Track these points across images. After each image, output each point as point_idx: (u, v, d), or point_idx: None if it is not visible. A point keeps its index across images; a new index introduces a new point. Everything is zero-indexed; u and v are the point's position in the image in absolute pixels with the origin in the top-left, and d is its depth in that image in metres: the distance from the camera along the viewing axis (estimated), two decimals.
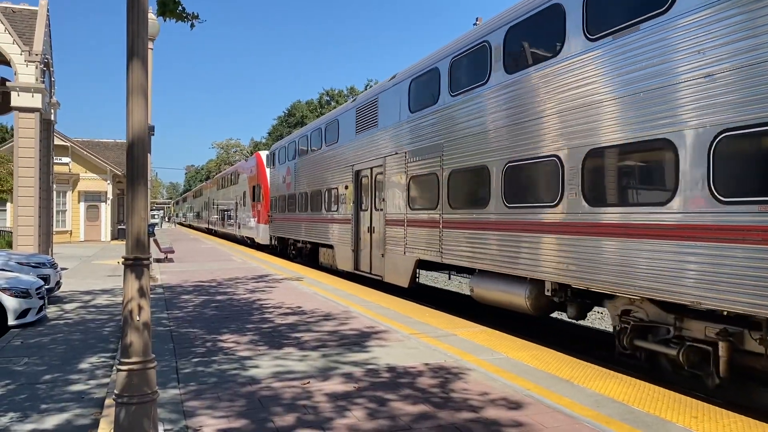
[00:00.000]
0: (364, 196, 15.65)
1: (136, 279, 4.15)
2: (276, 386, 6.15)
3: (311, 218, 20.29)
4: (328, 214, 18.34)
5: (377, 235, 14.49)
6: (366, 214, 15.40)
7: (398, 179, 13.21)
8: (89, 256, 25.37)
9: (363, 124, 15.58)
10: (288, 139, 25.11)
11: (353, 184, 16.04)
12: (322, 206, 18.95)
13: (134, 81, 4.08)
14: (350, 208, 16.23)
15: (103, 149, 43.59)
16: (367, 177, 15.21)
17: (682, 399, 5.77)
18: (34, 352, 8.00)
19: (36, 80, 16.97)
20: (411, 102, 12.82)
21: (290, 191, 23.31)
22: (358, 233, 15.90)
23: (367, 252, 15.26)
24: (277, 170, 26.12)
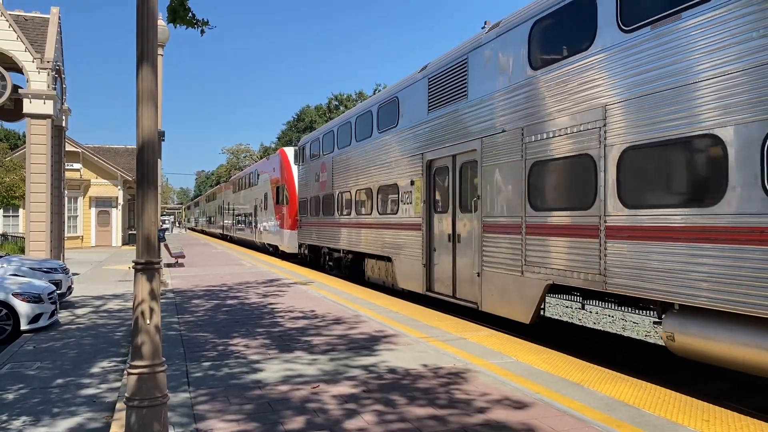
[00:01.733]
0: (440, 193, 12.01)
1: (147, 282, 4.18)
2: (286, 390, 6.16)
3: (356, 223, 16.82)
4: (381, 217, 14.84)
5: (466, 245, 10.81)
6: (445, 217, 11.67)
7: (507, 167, 9.49)
8: (100, 262, 25.54)
9: (440, 97, 11.84)
10: (323, 129, 21.23)
11: (423, 178, 12.40)
12: (372, 208, 15.46)
13: (144, 87, 4.12)
14: (418, 209, 12.62)
15: (114, 155, 43.94)
16: (448, 168, 11.53)
17: (694, 402, 5.73)
18: (46, 357, 8.07)
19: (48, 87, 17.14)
20: (534, 55, 9.11)
21: (326, 191, 19.65)
22: (431, 242, 12.23)
23: (447, 268, 11.53)
24: (307, 167, 22.52)
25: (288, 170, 26.21)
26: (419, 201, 12.62)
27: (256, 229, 34.16)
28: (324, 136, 20.48)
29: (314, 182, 21.33)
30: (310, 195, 22.03)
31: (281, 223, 27.00)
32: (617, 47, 7.49)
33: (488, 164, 10.11)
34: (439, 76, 12.02)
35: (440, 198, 12.05)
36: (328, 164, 19.46)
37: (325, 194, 19.84)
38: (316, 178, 21.13)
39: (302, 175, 23.52)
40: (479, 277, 10.23)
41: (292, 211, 25.28)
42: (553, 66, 8.69)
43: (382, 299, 12.94)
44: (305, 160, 22.90)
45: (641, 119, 7.07)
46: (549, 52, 8.94)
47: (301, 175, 23.77)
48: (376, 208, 15.24)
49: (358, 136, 16.79)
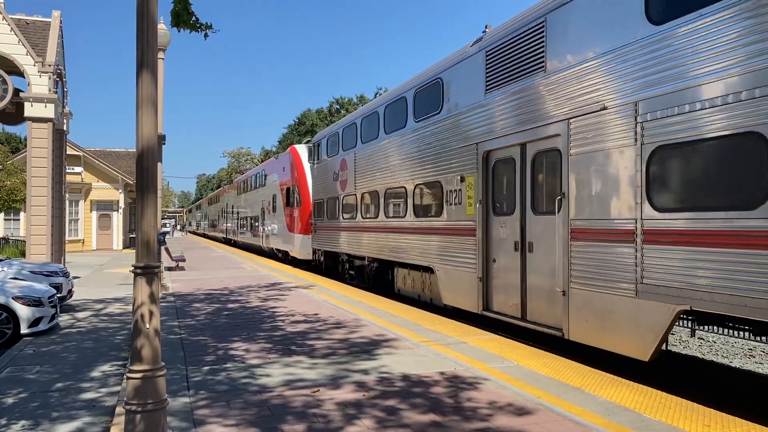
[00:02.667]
0: (502, 191, 9.94)
1: (147, 287, 4.18)
2: (286, 394, 6.15)
3: (384, 227, 14.71)
4: (419, 221, 12.68)
5: (543, 255, 8.77)
6: (510, 220, 9.56)
7: (611, 156, 7.37)
8: (101, 265, 25.55)
9: (504, 73, 9.70)
10: (343, 122, 18.88)
11: (479, 173, 10.27)
12: (406, 210, 13.40)
13: (144, 92, 4.13)
14: (471, 210, 10.49)
15: (115, 158, 43.99)
16: (514, 160, 9.47)
17: (694, 407, 5.71)
18: (46, 361, 8.06)
19: (49, 91, 17.17)
20: (654, 6, 6.99)
21: (347, 191, 17.57)
22: (489, 251, 10.11)
23: (513, 283, 9.46)
24: (323, 165, 20.34)
25: (300, 169, 24.24)
26: (472, 201, 10.44)
27: (263, 233, 32.17)
28: (344, 130, 18.26)
29: (332, 182, 19.10)
30: (326, 196, 19.84)
31: (292, 226, 24.95)
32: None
33: (579, 153, 7.91)
34: (501, 48, 9.80)
35: (502, 197, 9.96)
36: (350, 161, 17.33)
37: (346, 195, 17.75)
38: (334, 177, 18.91)
39: (317, 175, 21.26)
40: (565, 296, 8.01)
41: (305, 213, 23.26)
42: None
43: (384, 303, 12.92)
44: (321, 157, 20.69)
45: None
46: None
47: (315, 174, 21.57)
48: (411, 210, 13.13)
49: (387, 128, 14.66)
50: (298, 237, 24.07)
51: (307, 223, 22.71)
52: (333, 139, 19.48)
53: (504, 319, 9.64)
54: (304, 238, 23.17)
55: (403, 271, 14.07)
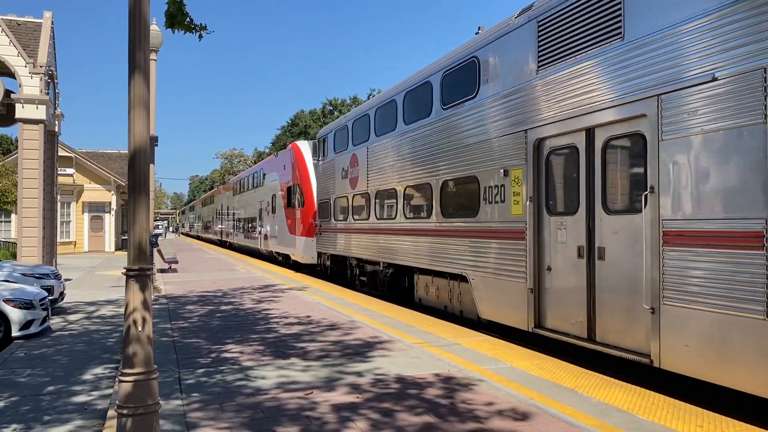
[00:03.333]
0: (561, 185, 8.51)
1: (139, 289, 4.16)
2: (280, 397, 6.13)
3: (402, 229, 13.17)
4: (449, 221, 11.14)
5: (620, 263, 7.23)
6: (572, 220, 8.05)
7: (722, 139, 5.98)
8: (93, 267, 25.43)
9: (563, 45, 8.18)
10: (354, 114, 17.19)
11: (529, 165, 8.75)
12: (431, 209, 11.83)
13: (136, 93, 4.11)
14: (518, 209, 9.01)
15: (107, 160, 43.83)
16: (576, 148, 7.97)
17: (688, 408, 5.73)
18: (37, 364, 8.01)
19: (40, 92, 17.08)
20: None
21: (357, 189, 16.07)
22: (542, 257, 8.61)
23: (576, 297, 7.90)
24: (330, 162, 18.67)
25: (303, 167, 22.71)
26: (519, 199, 8.98)
27: (261, 235, 30.60)
28: (355, 123, 16.65)
29: (341, 179, 17.51)
30: (334, 195, 18.22)
31: (294, 228, 23.38)
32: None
33: (675, 136, 6.46)
34: (559, 16, 8.27)
35: (560, 193, 8.51)
36: (362, 156, 15.79)
37: (357, 193, 16.23)
38: (343, 175, 17.33)
39: (323, 172, 19.58)
40: (654, 314, 6.53)
41: (308, 214, 21.80)
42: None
43: (377, 305, 12.92)
44: (327, 153, 19.04)
45: None
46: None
47: (321, 172, 19.89)
48: (437, 210, 11.57)
49: (407, 118, 13.13)
50: (300, 239, 22.51)
51: (311, 225, 21.32)
52: (341, 133, 17.83)
53: (562, 338, 8.03)
54: (308, 240, 21.64)
55: (425, 279, 12.52)
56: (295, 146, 24.17)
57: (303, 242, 22.11)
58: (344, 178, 17.20)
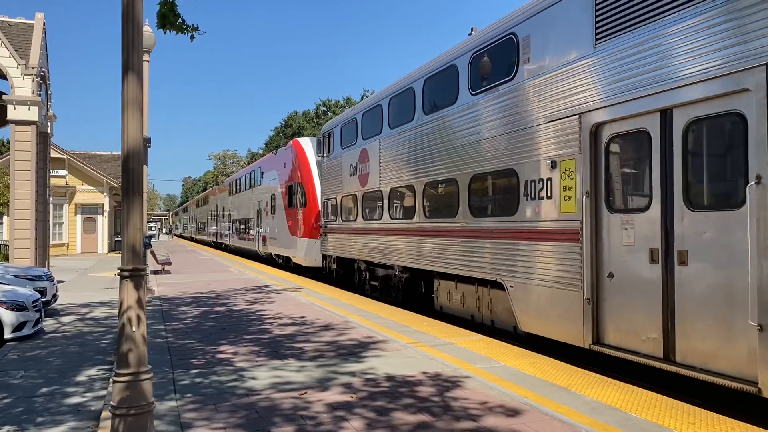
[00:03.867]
0: (626, 177, 7.42)
1: (133, 290, 4.16)
2: (274, 397, 6.14)
3: (423, 229, 11.94)
4: (479, 221, 10.01)
5: (710, 270, 6.09)
6: (642, 219, 6.83)
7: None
8: (86, 269, 25.33)
9: (626, 15, 7.10)
10: (363, 106, 15.92)
11: (586, 154, 7.56)
12: (457, 207, 10.59)
13: (130, 94, 4.11)
14: (571, 206, 7.78)
15: (100, 161, 43.66)
16: (647, 133, 6.78)
17: (680, 405, 5.78)
18: (30, 366, 7.98)
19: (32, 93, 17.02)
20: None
21: (368, 187, 14.90)
22: (602, 261, 7.39)
23: (647, 309, 6.69)
24: (336, 159, 17.46)
25: (305, 165, 21.50)
26: (572, 194, 7.79)
27: (259, 237, 29.34)
28: (365, 115, 15.46)
29: (348, 177, 16.34)
30: (341, 194, 17.01)
31: (295, 229, 22.07)
32: None
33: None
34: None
35: (626, 186, 7.38)
36: (373, 151, 14.59)
37: (367, 191, 15.03)
38: (351, 172, 16.13)
39: (328, 170, 18.32)
40: (764, 332, 5.45)
41: (311, 214, 20.63)
42: None
43: (372, 305, 12.94)
44: (333, 149, 17.86)
45: None
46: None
47: (326, 169, 18.62)
48: (465, 208, 10.39)
49: (427, 107, 11.95)
50: (302, 241, 21.15)
51: (314, 226, 20.23)
52: (349, 126, 16.52)
53: (630, 357, 6.81)
54: (310, 242, 20.46)
55: (447, 285, 11.33)
56: (297, 143, 22.90)
57: (305, 244, 20.87)
58: (353, 175, 16.01)
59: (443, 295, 11.53)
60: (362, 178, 15.33)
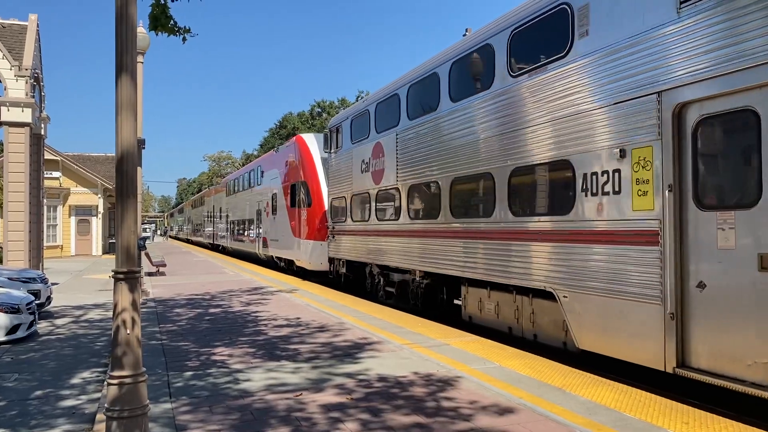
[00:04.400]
0: (724, 168, 6.30)
1: (127, 292, 4.16)
2: (269, 398, 6.13)
3: (450, 231, 10.71)
4: (523, 220, 8.82)
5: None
6: (746, 217, 5.66)
7: None
8: (80, 271, 25.24)
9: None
10: (377, 96, 14.56)
11: (666, 141, 6.41)
12: (494, 205, 9.40)
13: (123, 96, 4.10)
14: (649, 202, 6.57)
15: (94, 163, 43.53)
16: (756, 113, 5.59)
17: (674, 405, 5.80)
18: (24, 368, 7.95)
19: (26, 95, 16.96)
20: None
21: (383, 184, 13.71)
22: (686, 270, 6.24)
23: (758, 328, 5.46)
24: (345, 154, 16.33)
25: (309, 162, 20.32)
26: (649, 188, 6.57)
27: (259, 239, 27.92)
28: (378, 107, 14.25)
29: (360, 174, 15.19)
30: (351, 192, 15.84)
31: (299, 231, 20.70)
32: None
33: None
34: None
35: (725, 178, 6.22)
36: (389, 145, 13.39)
37: (382, 189, 13.84)
38: (363, 168, 14.98)
39: (336, 167, 17.18)
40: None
41: (316, 215, 19.47)
42: None
43: (367, 306, 12.94)
44: (341, 144, 16.69)
45: None
46: None
47: (334, 166, 17.44)
48: (503, 206, 9.17)
49: (454, 94, 10.71)
50: (307, 243, 19.87)
51: (320, 227, 19.01)
52: (361, 119, 15.29)
53: (730, 385, 5.60)
54: (316, 244, 19.22)
55: (478, 292, 10.10)
56: (300, 139, 21.64)
57: (310, 246, 19.58)
58: (365, 171, 14.80)
59: (473, 304, 10.28)
60: (376, 175, 14.13)
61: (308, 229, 19.77)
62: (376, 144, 14.12)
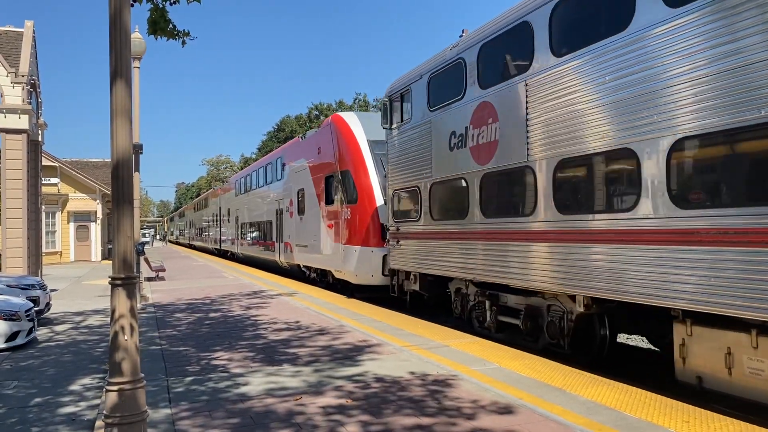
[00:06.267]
0: None
1: (124, 298, 4.15)
2: (269, 402, 6.12)
3: (673, 231, 6.48)
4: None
5: None
6: None
7: None
8: (80, 277, 25.21)
9: None
10: (476, 38, 10.42)
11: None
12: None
13: (119, 102, 4.10)
14: None
15: (92, 168, 43.52)
16: None
17: (674, 404, 5.79)
18: (24, 376, 7.93)
19: (23, 101, 16.95)
20: None
21: (496, 163, 9.68)
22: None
23: None
24: (416, 130, 12.30)
25: (353, 147, 16.23)
26: None
27: (279, 243, 23.64)
28: (484, 50, 10.19)
29: (446, 152, 11.04)
30: (430, 179, 11.67)
31: (339, 234, 16.61)
32: None
33: None
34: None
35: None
36: (507, 103, 9.41)
37: (493, 171, 9.72)
38: (454, 143, 10.81)
39: (400, 147, 13.14)
40: None
41: (365, 213, 15.38)
42: None
43: (366, 309, 12.92)
44: (411, 114, 12.59)
45: None
46: None
47: (396, 146, 13.36)
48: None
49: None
50: (352, 250, 15.69)
51: (370, 228, 15.12)
52: (446, 75, 11.33)
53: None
54: (364, 251, 15.15)
55: (718, 337, 6.17)
56: (339, 119, 17.52)
57: (356, 254, 15.46)
58: (457, 148, 10.69)
59: (710, 359, 6.24)
60: (480, 151, 9.99)
61: (353, 232, 15.79)
62: (480, 105, 10.03)
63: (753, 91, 5.67)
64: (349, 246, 15.87)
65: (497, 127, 9.63)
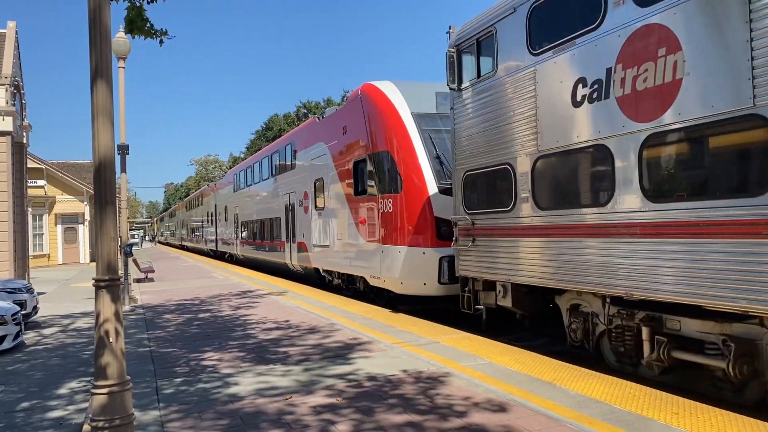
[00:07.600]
0: None
1: (110, 300, 4.10)
2: (259, 403, 6.09)
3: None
4: None
5: None
6: None
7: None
8: (67, 279, 25.02)
9: None
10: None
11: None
12: None
13: (100, 103, 4.04)
14: None
15: (80, 170, 43.17)
16: None
17: (664, 396, 5.82)
18: (10, 380, 7.85)
19: (6, 103, 16.79)
20: None
21: (660, 120, 6.36)
22: None
23: None
24: (509, 84, 8.96)
25: (394, 122, 12.84)
26: None
27: (291, 244, 20.21)
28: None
29: (563, 109, 7.81)
30: (535, 152, 8.37)
31: (374, 231, 13.39)
32: None
33: None
34: None
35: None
36: (710, 14, 5.89)
37: (679, 126, 6.19)
38: (586, 94, 7.41)
39: (478, 110, 9.81)
40: None
41: (413, 204, 12.10)
42: None
43: (357, 307, 12.89)
44: (497, 62, 9.30)
45: None
46: None
47: (469, 111, 10.08)
48: None
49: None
50: (395, 251, 12.45)
51: (420, 224, 11.97)
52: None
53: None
54: (413, 253, 11.97)
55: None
56: (372, 89, 13.91)
57: (402, 256, 12.23)
58: (588, 101, 7.40)
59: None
60: (644, 100, 6.65)
61: (397, 228, 12.54)
62: (640, 32, 6.71)
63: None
64: (392, 246, 12.62)
65: (678, 59, 6.26)
